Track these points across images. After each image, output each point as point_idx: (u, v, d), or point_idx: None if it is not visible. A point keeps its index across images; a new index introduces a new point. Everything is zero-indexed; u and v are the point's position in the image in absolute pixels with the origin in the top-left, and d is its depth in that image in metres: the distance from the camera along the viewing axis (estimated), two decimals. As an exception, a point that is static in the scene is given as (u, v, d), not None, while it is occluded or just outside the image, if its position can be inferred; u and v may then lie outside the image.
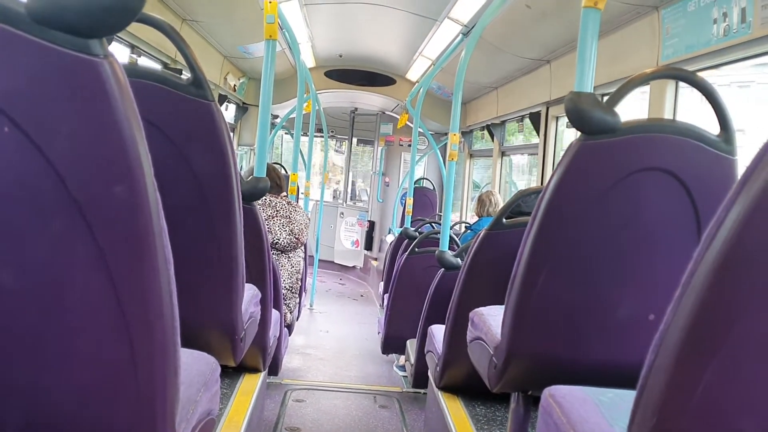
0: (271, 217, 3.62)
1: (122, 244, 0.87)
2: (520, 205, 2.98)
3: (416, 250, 4.36)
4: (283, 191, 3.85)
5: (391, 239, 6.92)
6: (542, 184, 4.75)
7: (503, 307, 1.77)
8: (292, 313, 3.92)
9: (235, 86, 6.62)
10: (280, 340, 3.12)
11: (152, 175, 0.87)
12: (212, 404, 1.36)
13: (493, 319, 1.98)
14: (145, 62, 4.23)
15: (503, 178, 6.48)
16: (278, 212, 3.65)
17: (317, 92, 7.03)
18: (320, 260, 8.34)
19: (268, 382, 3.49)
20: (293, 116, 6.36)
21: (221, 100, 6.31)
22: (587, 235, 1.58)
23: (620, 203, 1.54)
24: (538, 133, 5.01)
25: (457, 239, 4.28)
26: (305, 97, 5.33)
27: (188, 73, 1.63)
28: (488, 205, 4.55)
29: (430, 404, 3.11)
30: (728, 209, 0.68)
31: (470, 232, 4.78)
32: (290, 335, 4.07)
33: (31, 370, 0.93)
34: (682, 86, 3.06)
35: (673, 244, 1.59)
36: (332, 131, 10.35)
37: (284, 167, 7.18)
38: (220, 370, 1.46)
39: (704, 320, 0.71)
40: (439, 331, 2.93)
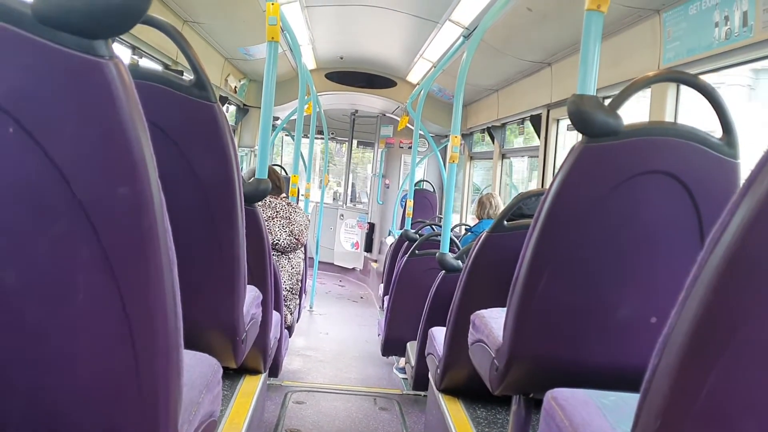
0: (271, 218, 3.62)
1: (126, 245, 0.87)
2: (521, 207, 2.97)
3: (416, 252, 4.35)
4: (282, 192, 3.85)
5: (391, 241, 6.92)
6: (543, 186, 4.75)
7: (505, 309, 1.77)
8: (292, 314, 3.91)
9: (235, 88, 6.62)
10: (280, 341, 3.11)
11: (156, 176, 0.87)
12: (214, 406, 1.36)
13: (494, 321, 1.98)
14: (146, 63, 4.24)
15: (503, 181, 6.47)
16: (278, 213, 3.64)
17: (318, 94, 7.03)
18: (320, 262, 8.33)
19: (268, 383, 3.48)
20: (294, 118, 6.35)
21: (222, 101, 6.31)
22: (590, 237, 1.57)
23: (622, 206, 1.54)
24: (538, 135, 5.01)
25: (457, 241, 4.28)
26: (306, 99, 5.33)
27: (189, 74, 1.64)
28: (489, 207, 4.55)
29: (430, 407, 3.10)
30: (732, 213, 0.68)
31: (470, 234, 4.77)
32: (290, 337, 4.07)
33: (33, 371, 0.92)
34: (683, 89, 3.06)
35: (675, 247, 1.59)
36: (333, 133, 10.35)
37: (284, 169, 7.18)
38: (222, 371, 1.45)
39: (708, 323, 0.70)
40: (439, 333, 2.92)
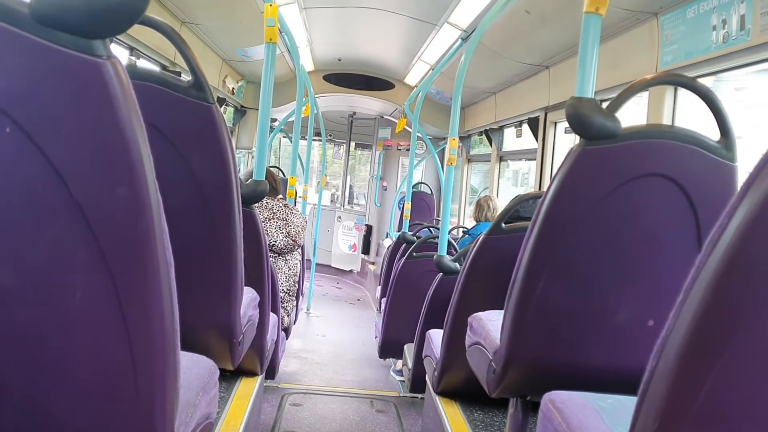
0: (267, 219, 3.62)
1: (123, 245, 0.87)
2: (518, 210, 2.97)
3: (414, 254, 4.35)
4: (279, 194, 3.84)
5: (388, 243, 6.92)
6: (540, 189, 4.76)
7: (502, 312, 1.77)
8: (289, 316, 3.91)
9: (233, 89, 6.62)
10: (277, 343, 3.11)
11: (154, 177, 0.87)
12: (210, 408, 1.35)
13: (492, 324, 1.98)
14: (143, 64, 4.23)
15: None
16: (275, 214, 3.64)
17: (316, 96, 7.03)
18: (317, 264, 8.32)
19: (265, 386, 3.48)
20: (292, 120, 6.35)
21: (219, 103, 6.31)
22: (587, 240, 1.57)
23: (620, 209, 1.54)
24: (536, 138, 5.01)
25: (455, 244, 4.28)
26: (304, 100, 5.33)
27: (187, 75, 1.63)
28: (486, 210, 4.55)
29: (427, 409, 3.10)
30: (730, 215, 0.68)
31: (468, 236, 4.77)
32: (287, 339, 4.07)
33: (29, 371, 0.92)
34: (680, 92, 3.06)
35: (672, 249, 1.59)
36: (330, 135, 10.35)
37: (282, 171, 7.18)
38: (218, 373, 1.45)
39: (706, 326, 0.70)
40: (437, 335, 2.92)
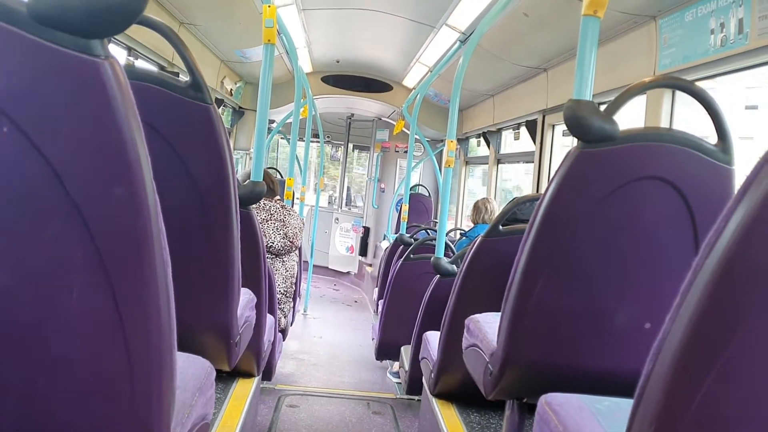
0: (265, 220, 3.61)
1: (120, 245, 0.87)
2: (515, 212, 2.98)
3: (411, 256, 4.35)
4: (276, 195, 3.84)
5: (386, 245, 6.92)
6: (538, 191, 4.76)
7: (499, 314, 1.77)
8: (286, 317, 3.90)
9: (231, 90, 6.62)
10: (274, 345, 3.11)
11: (151, 177, 0.87)
12: (207, 409, 1.35)
13: (488, 326, 1.98)
14: (141, 65, 4.23)
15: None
16: (272, 216, 3.64)
17: (314, 97, 7.03)
18: (315, 265, 8.32)
19: (261, 387, 3.47)
20: (290, 121, 6.35)
21: (218, 103, 6.30)
22: (585, 242, 1.58)
23: (618, 211, 1.54)
24: (534, 141, 5.02)
25: (452, 246, 4.28)
26: (302, 102, 5.33)
27: (185, 76, 1.63)
28: (484, 212, 4.55)
29: (424, 411, 3.10)
30: (727, 219, 0.68)
31: (465, 239, 4.77)
32: (284, 340, 4.06)
33: (25, 372, 0.92)
34: (677, 95, 3.07)
35: (669, 252, 1.59)
36: (328, 137, 10.35)
37: (279, 172, 7.18)
38: (215, 374, 1.45)
39: (703, 329, 0.70)
40: (433, 337, 2.92)
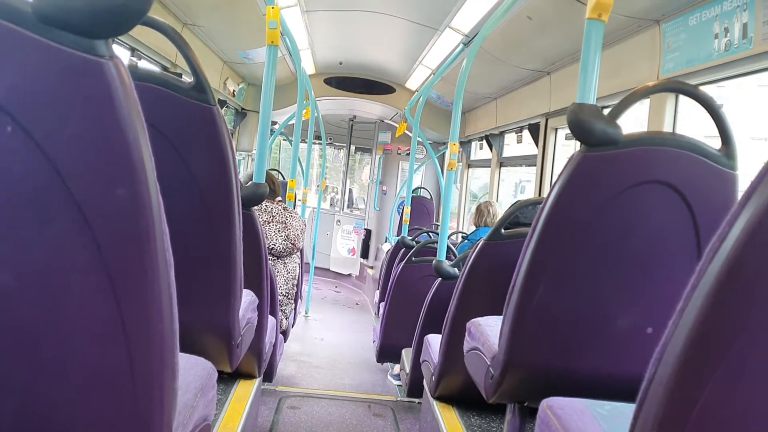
0: (267, 222, 3.61)
1: (123, 246, 0.86)
2: (517, 216, 2.97)
3: (413, 259, 4.35)
4: (278, 196, 3.84)
5: (387, 248, 6.91)
6: (540, 195, 4.76)
7: (501, 317, 1.77)
8: (287, 319, 3.90)
9: (234, 91, 6.62)
10: (275, 346, 3.11)
11: (155, 178, 0.87)
12: (208, 410, 1.35)
13: (490, 329, 1.98)
14: (144, 65, 4.24)
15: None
16: (274, 217, 3.64)
17: (316, 99, 7.03)
18: (316, 267, 8.31)
19: (262, 388, 3.47)
20: (292, 122, 6.34)
21: (220, 104, 6.29)
22: (587, 246, 1.57)
23: (620, 215, 1.54)
24: (536, 144, 5.01)
25: (454, 249, 4.27)
26: (305, 103, 5.33)
27: (188, 76, 1.63)
28: (486, 215, 4.54)
29: (425, 414, 3.09)
30: (731, 224, 0.68)
31: (467, 242, 4.77)
32: (285, 342, 4.06)
33: (27, 372, 0.91)
34: (681, 99, 3.07)
35: (672, 257, 1.59)
36: (330, 139, 10.36)
37: (282, 174, 7.18)
38: (217, 375, 1.45)
39: (706, 334, 0.70)
40: (435, 340, 2.92)
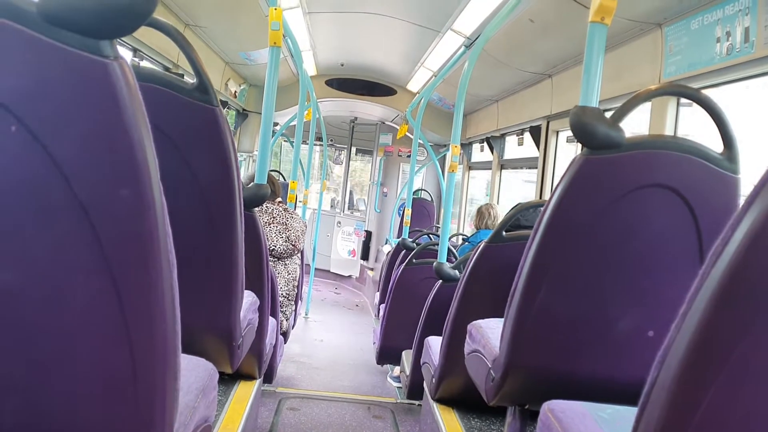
0: (267, 223, 3.61)
1: (127, 247, 0.87)
2: (518, 219, 2.97)
3: (414, 261, 4.35)
4: (278, 197, 3.84)
5: (388, 250, 6.91)
6: (541, 198, 4.76)
7: (502, 320, 1.77)
8: (287, 320, 3.90)
9: (235, 92, 6.62)
10: (275, 347, 3.10)
11: (159, 178, 0.87)
12: (209, 411, 1.35)
13: (491, 331, 1.97)
14: (147, 66, 4.24)
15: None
16: (275, 219, 3.64)
17: (318, 100, 7.03)
18: (316, 269, 8.31)
19: (262, 389, 3.47)
20: (293, 124, 6.34)
21: (222, 105, 6.28)
22: (589, 249, 1.57)
23: (622, 219, 1.54)
24: (538, 146, 5.01)
25: (454, 251, 4.27)
26: (306, 105, 5.33)
27: (190, 77, 1.64)
28: (487, 218, 4.54)
29: (425, 416, 3.09)
30: (734, 228, 0.68)
31: (468, 244, 4.77)
32: (285, 343, 4.06)
33: (29, 372, 0.91)
34: (682, 103, 3.07)
35: (674, 260, 1.59)
36: (331, 140, 10.36)
37: (282, 175, 7.18)
38: (218, 376, 1.45)
39: (709, 338, 0.70)
40: (435, 342, 2.92)
